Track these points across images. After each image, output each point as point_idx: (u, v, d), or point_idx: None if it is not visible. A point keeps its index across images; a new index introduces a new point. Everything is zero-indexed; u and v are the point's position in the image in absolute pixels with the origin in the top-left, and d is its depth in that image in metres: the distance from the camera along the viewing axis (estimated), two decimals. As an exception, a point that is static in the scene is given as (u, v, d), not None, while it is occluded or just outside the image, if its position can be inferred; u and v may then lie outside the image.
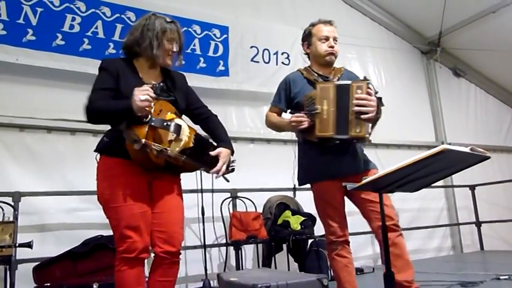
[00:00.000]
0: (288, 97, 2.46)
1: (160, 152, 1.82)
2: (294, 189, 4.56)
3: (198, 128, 2.12)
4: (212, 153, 2.03)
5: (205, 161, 2.03)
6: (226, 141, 2.15)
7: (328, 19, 2.52)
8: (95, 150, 2.01)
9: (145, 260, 1.94)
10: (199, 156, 1.99)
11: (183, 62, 2.15)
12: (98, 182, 1.97)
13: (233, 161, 2.16)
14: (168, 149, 1.84)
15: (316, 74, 2.45)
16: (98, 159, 2.00)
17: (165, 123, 1.85)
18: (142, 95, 1.78)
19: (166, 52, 2.02)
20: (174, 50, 2.05)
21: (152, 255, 1.98)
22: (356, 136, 2.27)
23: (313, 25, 2.52)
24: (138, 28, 2.02)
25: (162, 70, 2.12)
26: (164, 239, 1.95)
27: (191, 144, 1.91)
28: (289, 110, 2.54)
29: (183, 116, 2.12)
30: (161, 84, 2.06)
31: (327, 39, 2.43)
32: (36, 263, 3.32)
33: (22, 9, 3.86)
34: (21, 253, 3.33)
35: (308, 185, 2.50)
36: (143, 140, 1.78)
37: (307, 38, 2.52)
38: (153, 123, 1.83)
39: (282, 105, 2.48)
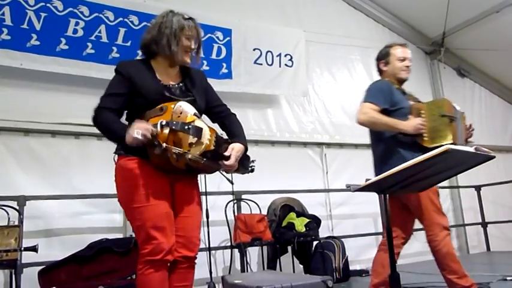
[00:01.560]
0: (391, 101, 2.66)
1: (181, 155, 1.79)
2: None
3: (216, 127, 2.07)
4: (226, 153, 1.95)
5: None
6: (241, 136, 2.08)
7: (403, 42, 2.94)
8: (115, 152, 1.96)
9: None
10: (219, 157, 1.93)
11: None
12: (118, 183, 1.92)
13: (253, 161, 2.12)
14: (189, 152, 1.80)
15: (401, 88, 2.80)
16: (116, 160, 1.94)
17: (186, 127, 1.80)
18: (140, 129, 1.72)
19: (184, 49, 1.98)
20: (193, 47, 2.01)
21: None
22: None
23: (390, 46, 2.84)
24: (156, 26, 1.98)
25: (181, 69, 2.08)
26: (183, 244, 1.92)
27: (212, 147, 1.87)
28: None
29: (202, 116, 2.07)
30: (180, 84, 2.03)
31: (404, 59, 2.77)
32: (42, 267, 3.32)
33: (26, 14, 3.88)
34: (26, 257, 3.33)
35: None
36: (164, 145, 1.74)
37: (385, 57, 2.84)
38: (174, 127, 1.79)
39: (386, 105, 2.64)
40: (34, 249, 3.07)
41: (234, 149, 1.97)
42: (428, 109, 2.60)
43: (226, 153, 1.94)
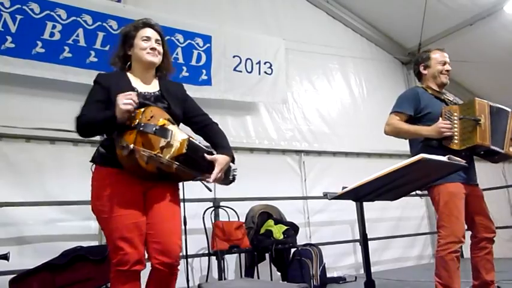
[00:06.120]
0: (417, 107, 2.72)
1: (150, 158, 1.77)
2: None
3: (199, 139, 2.08)
4: (208, 157, 1.94)
5: (202, 169, 1.95)
6: (226, 147, 2.07)
7: (441, 47, 2.97)
8: (91, 161, 1.98)
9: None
10: (195, 164, 1.90)
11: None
12: (92, 192, 1.93)
13: (235, 169, 2.09)
14: (160, 155, 1.79)
15: (439, 92, 2.81)
16: (93, 170, 1.96)
17: (154, 129, 1.80)
18: (125, 98, 1.78)
19: (145, 50, 2.04)
20: (154, 46, 2.05)
21: (149, 267, 1.91)
22: (510, 153, 2.68)
23: (429, 51, 2.91)
24: (120, 41, 2.10)
25: (159, 80, 2.13)
26: (160, 250, 1.87)
27: (184, 151, 1.84)
28: None
29: (181, 126, 2.08)
30: (156, 93, 2.05)
31: (445, 63, 2.84)
32: (13, 276, 3.22)
33: (1, 16, 3.79)
34: (-3, 265, 3.24)
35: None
36: (131, 146, 1.74)
37: (425, 60, 2.86)
38: (141, 129, 1.78)
39: (411, 112, 2.71)
40: (5, 257, 2.98)
41: (218, 161, 1.96)
42: (460, 111, 2.61)
43: (208, 157, 1.93)
